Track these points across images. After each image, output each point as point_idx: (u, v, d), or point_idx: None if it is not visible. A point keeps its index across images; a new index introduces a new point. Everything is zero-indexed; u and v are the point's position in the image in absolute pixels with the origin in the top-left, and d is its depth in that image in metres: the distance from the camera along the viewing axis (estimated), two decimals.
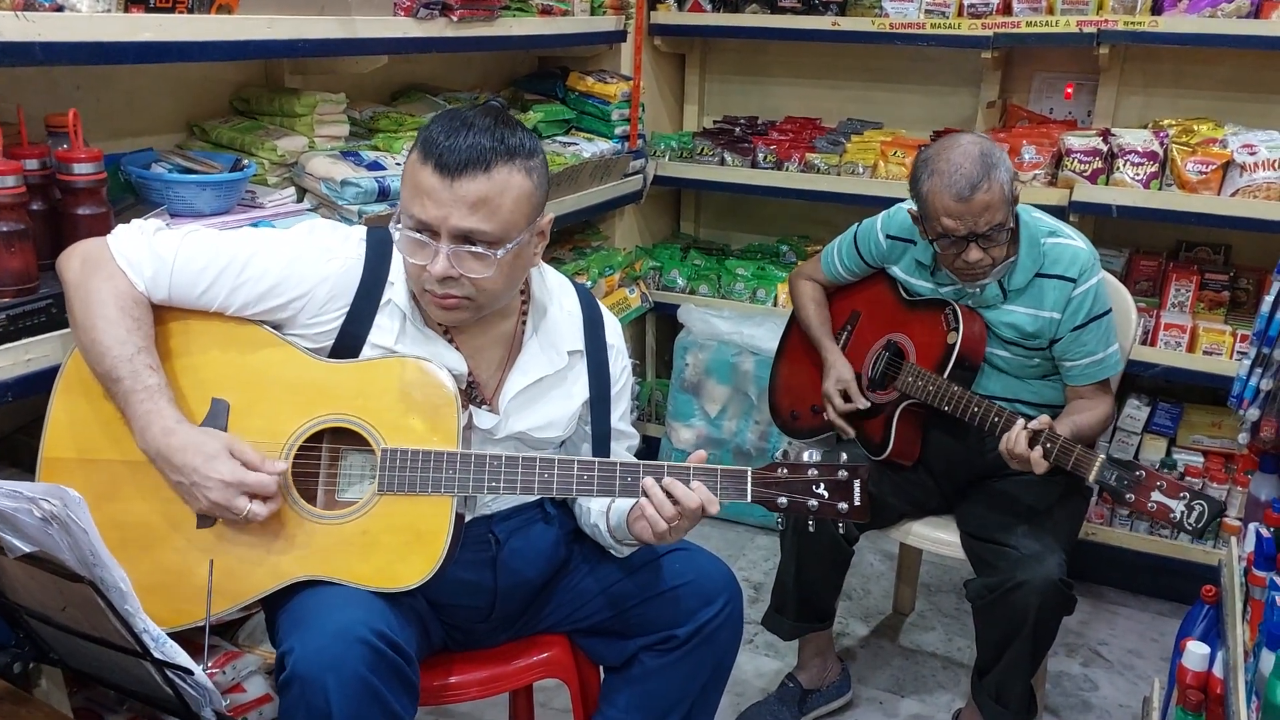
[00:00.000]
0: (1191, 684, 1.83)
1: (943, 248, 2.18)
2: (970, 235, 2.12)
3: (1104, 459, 2.01)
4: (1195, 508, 1.95)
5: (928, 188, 2.14)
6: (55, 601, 1.38)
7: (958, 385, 2.24)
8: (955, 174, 2.09)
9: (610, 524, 1.76)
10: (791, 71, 3.73)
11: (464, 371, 1.68)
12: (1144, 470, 1.99)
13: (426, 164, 1.51)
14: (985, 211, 2.09)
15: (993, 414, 2.17)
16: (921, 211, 2.20)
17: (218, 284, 1.59)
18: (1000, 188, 2.09)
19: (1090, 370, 2.26)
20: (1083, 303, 2.21)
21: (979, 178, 2.08)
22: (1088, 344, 2.24)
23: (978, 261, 2.15)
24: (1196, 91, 3.15)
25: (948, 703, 2.65)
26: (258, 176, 2.19)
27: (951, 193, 2.09)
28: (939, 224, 2.14)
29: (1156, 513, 1.98)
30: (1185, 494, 1.96)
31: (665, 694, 1.79)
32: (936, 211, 2.13)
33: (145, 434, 1.52)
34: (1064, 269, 2.22)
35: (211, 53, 1.92)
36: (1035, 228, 2.26)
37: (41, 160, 1.75)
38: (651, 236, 3.83)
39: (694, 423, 3.51)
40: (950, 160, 2.11)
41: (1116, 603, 3.14)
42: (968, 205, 2.09)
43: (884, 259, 2.43)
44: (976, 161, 2.09)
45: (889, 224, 2.40)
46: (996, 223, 2.11)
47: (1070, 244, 2.24)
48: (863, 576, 3.23)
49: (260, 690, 1.98)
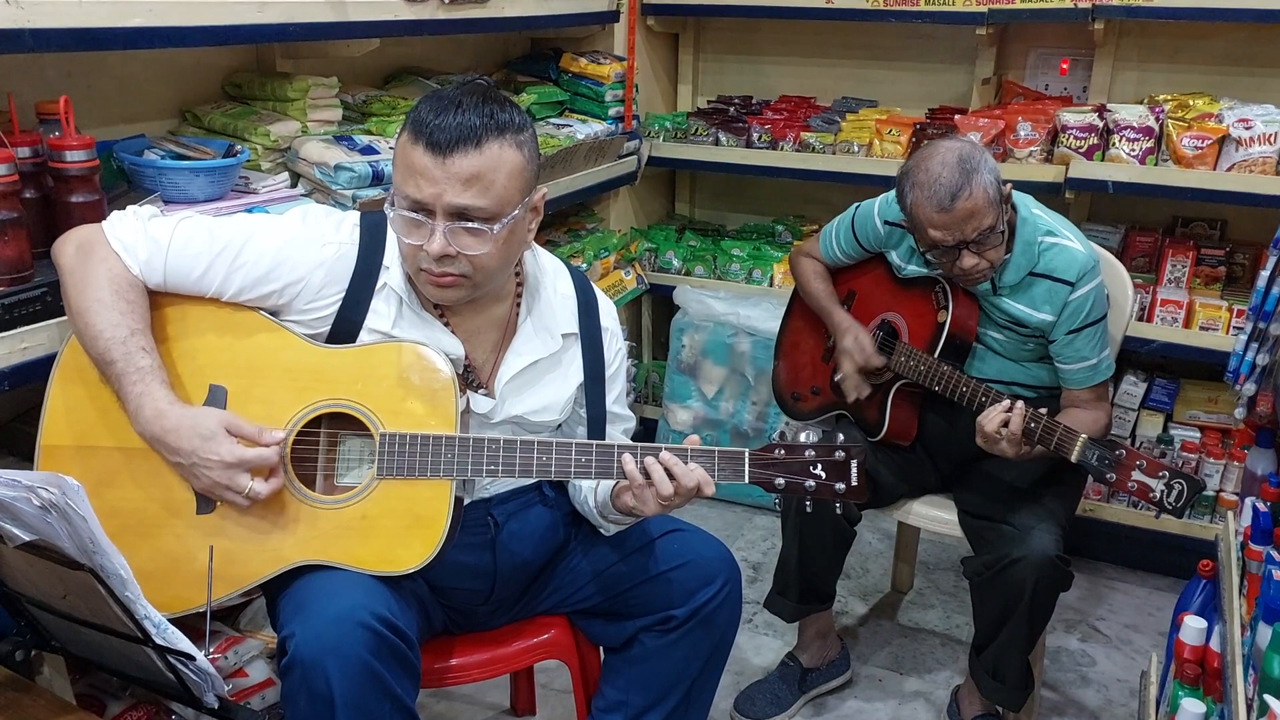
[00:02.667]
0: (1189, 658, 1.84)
1: (935, 258, 2.16)
2: (960, 244, 2.10)
3: (1085, 439, 2.02)
4: (1175, 486, 1.96)
5: (911, 200, 2.12)
6: (56, 589, 1.38)
7: (948, 365, 2.24)
8: (935, 185, 2.06)
9: (598, 500, 1.77)
10: (786, 50, 3.72)
11: (460, 355, 1.68)
12: (1124, 449, 1.99)
13: (417, 144, 1.51)
14: (971, 218, 2.07)
15: (980, 393, 2.17)
16: (910, 224, 2.19)
17: (213, 269, 1.58)
18: (984, 191, 2.06)
19: (1084, 374, 2.24)
20: (1080, 307, 2.19)
21: (959, 185, 2.05)
22: (1081, 349, 2.22)
23: (973, 268, 2.13)
24: (1192, 66, 3.14)
25: (947, 680, 2.67)
26: (251, 162, 2.18)
27: (934, 204, 2.07)
28: (927, 236, 2.13)
29: (1137, 491, 1.98)
30: (1165, 473, 1.96)
31: (665, 674, 1.80)
32: (922, 224, 2.11)
33: (138, 417, 1.52)
34: (1061, 272, 2.19)
35: (202, 37, 1.91)
36: (1033, 225, 2.22)
37: (33, 148, 1.74)
38: (646, 218, 3.83)
39: (691, 404, 3.51)
40: (929, 171, 2.08)
41: (1114, 578, 3.15)
42: (952, 215, 2.06)
43: (881, 244, 2.42)
44: (955, 169, 2.06)
45: (887, 210, 2.37)
46: (985, 227, 2.08)
47: (1069, 246, 2.21)
48: (861, 555, 3.24)
49: (262, 675, 1.99)
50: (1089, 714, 2.58)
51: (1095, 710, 2.59)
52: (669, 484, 1.59)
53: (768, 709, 2.49)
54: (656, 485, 1.59)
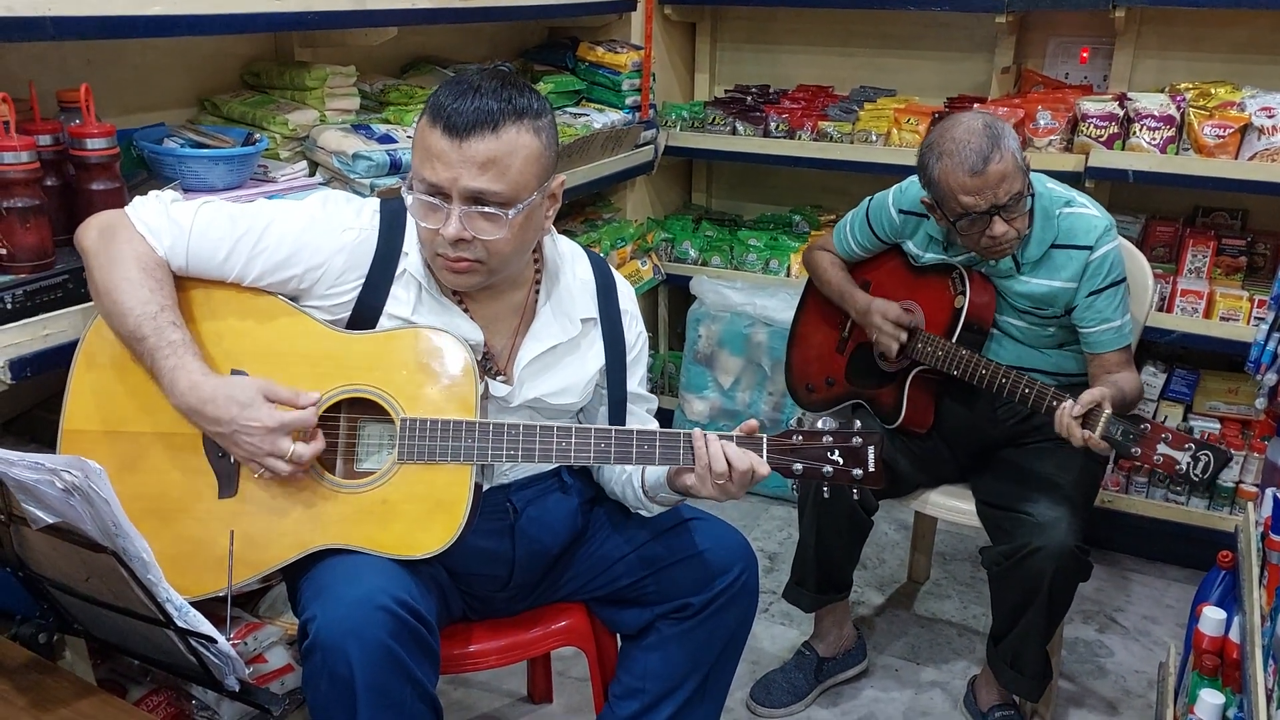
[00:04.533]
0: (1208, 649, 1.83)
1: (964, 229, 2.15)
2: (992, 209, 2.09)
3: (1109, 414, 1.99)
4: (1201, 458, 1.94)
5: (939, 170, 2.11)
6: (79, 572, 1.39)
7: (966, 349, 2.23)
8: (965, 151, 2.06)
9: (647, 482, 1.75)
10: (803, 39, 3.70)
11: (480, 341, 1.68)
12: (1149, 424, 1.97)
13: (435, 127, 1.51)
14: (1003, 181, 2.07)
15: (1001, 375, 2.16)
16: (936, 196, 2.17)
17: (235, 253, 1.59)
18: (1012, 156, 2.07)
19: (1110, 336, 2.23)
20: (1099, 267, 2.19)
21: (989, 149, 2.05)
22: (1103, 310, 2.21)
23: (1003, 235, 2.12)
24: (1213, 54, 3.12)
25: (963, 670, 2.66)
26: (269, 151, 2.19)
27: (965, 169, 2.06)
28: (957, 204, 2.11)
29: (1163, 465, 1.96)
30: (1190, 445, 1.94)
31: (682, 662, 1.80)
32: (953, 191, 2.10)
33: (174, 390, 1.53)
34: (1080, 238, 2.20)
35: (221, 25, 1.92)
36: (1050, 199, 2.23)
37: (54, 136, 1.75)
38: (663, 208, 3.82)
39: (707, 394, 3.51)
40: (956, 139, 2.09)
41: (1132, 569, 3.14)
42: (984, 178, 2.06)
43: (897, 234, 2.41)
44: (982, 135, 2.07)
45: (901, 198, 2.37)
46: (1015, 192, 2.09)
47: (1085, 212, 2.22)
48: (878, 546, 3.23)
49: (282, 660, 2.00)
50: (1106, 704, 2.57)
51: (1112, 701, 2.58)
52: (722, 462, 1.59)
53: (784, 698, 2.49)
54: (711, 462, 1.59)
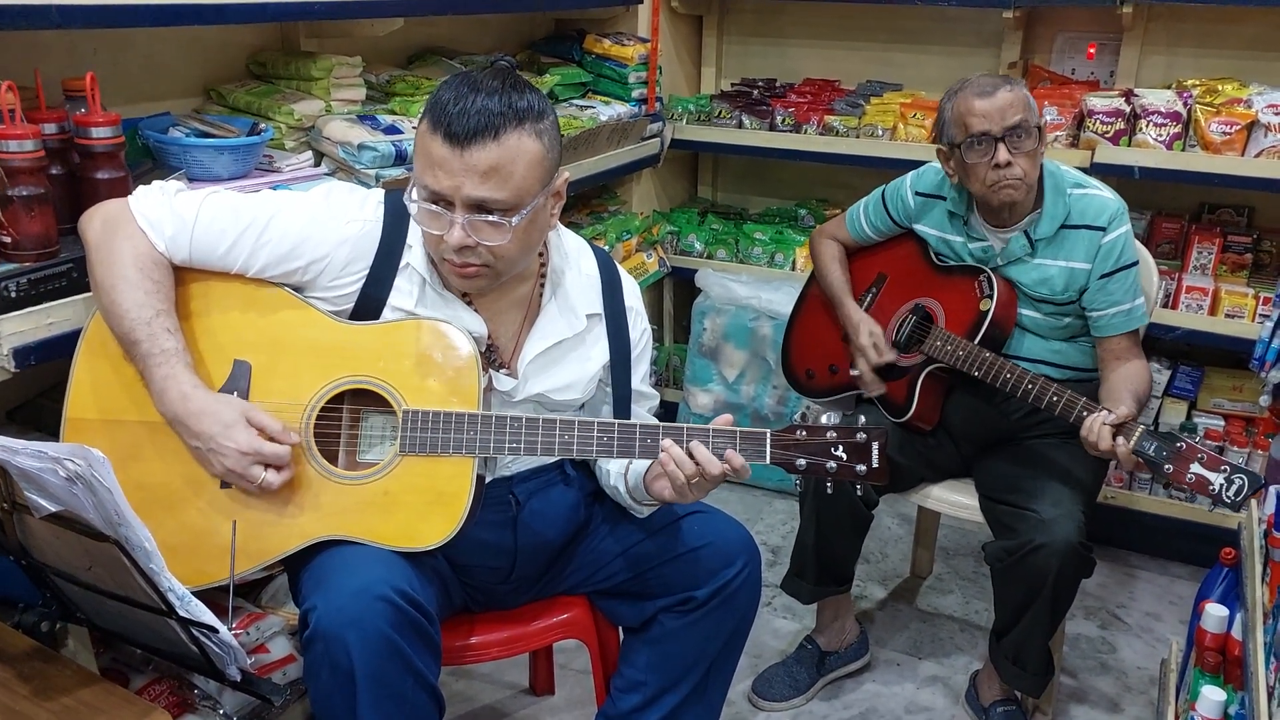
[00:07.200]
0: (1210, 646, 1.83)
1: (973, 158, 2.18)
2: (1001, 133, 2.15)
3: (1144, 429, 1.99)
4: (1235, 481, 1.93)
5: (952, 104, 2.22)
6: (81, 561, 1.40)
7: (990, 351, 2.23)
8: (978, 81, 2.20)
9: (629, 484, 1.77)
10: (810, 33, 3.69)
11: (484, 334, 1.68)
12: (1184, 443, 1.96)
13: (436, 133, 1.50)
14: (1012, 106, 2.15)
15: (1026, 381, 2.16)
16: (949, 130, 2.23)
17: (239, 245, 1.59)
18: (1024, 95, 2.18)
19: (1119, 319, 2.24)
20: (1112, 250, 2.21)
21: (1002, 82, 2.19)
22: (1114, 293, 2.22)
23: (1008, 165, 2.15)
24: (1221, 51, 3.10)
25: (965, 665, 2.66)
26: (275, 141, 2.19)
27: (975, 92, 2.18)
28: (968, 125, 2.17)
29: (1195, 484, 1.95)
30: (1225, 467, 1.93)
31: (684, 655, 1.80)
32: (964, 114, 2.18)
33: (162, 398, 1.53)
34: (1092, 219, 2.23)
35: (227, 14, 1.91)
36: (1061, 178, 2.27)
37: (60, 124, 1.74)
38: (669, 200, 3.82)
39: (712, 387, 3.51)
40: (970, 79, 2.23)
41: (1135, 565, 3.14)
42: (993, 100, 2.15)
43: (912, 217, 2.43)
44: (996, 75, 2.28)
45: (919, 182, 2.42)
46: (1023, 121, 2.15)
47: (1098, 194, 2.25)
48: (880, 540, 3.23)
49: (283, 651, 2.01)
50: (1108, 701, 2.57)
51: (1114, 697, 2.58)
52: (690, 465, 1.59)
53: (785, 691, 2.50)
54: (677, 465, 1.59)
